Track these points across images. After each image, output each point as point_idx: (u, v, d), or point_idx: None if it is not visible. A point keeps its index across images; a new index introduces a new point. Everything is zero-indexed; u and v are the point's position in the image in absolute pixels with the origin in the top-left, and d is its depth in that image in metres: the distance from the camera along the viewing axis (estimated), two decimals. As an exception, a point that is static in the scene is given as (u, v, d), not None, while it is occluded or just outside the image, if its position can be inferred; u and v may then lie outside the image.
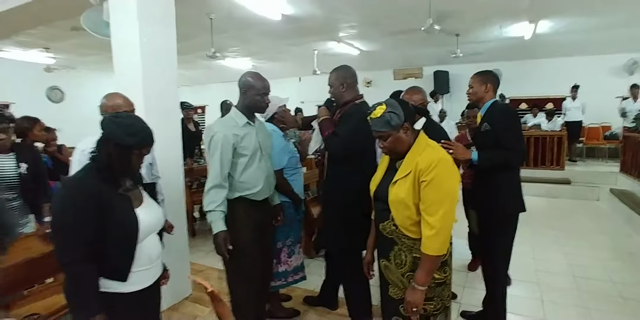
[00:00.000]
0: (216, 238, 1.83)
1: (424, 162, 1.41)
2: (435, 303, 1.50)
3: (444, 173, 1.40)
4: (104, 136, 1.32)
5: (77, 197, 1.26)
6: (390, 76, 9.62)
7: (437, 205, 1.38)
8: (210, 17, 5.25)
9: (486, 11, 5.25)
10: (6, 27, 4.20)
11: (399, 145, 1.49)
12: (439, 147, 1.54)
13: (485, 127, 2.12)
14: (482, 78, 2.18)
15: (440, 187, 1.39)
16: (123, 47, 2.58)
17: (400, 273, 1.52)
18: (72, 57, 7.95)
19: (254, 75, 1.94)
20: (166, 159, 2.57)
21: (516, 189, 2.17)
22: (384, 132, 1.47)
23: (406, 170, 1.45)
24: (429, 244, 1.39)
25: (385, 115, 1.44)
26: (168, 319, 2.54)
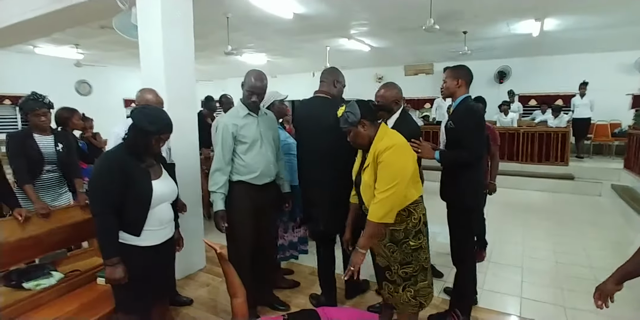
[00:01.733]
0: (215, 216, 2.17)
1: (380, 147, 1.69)
2: (414, 266, 1.80)
3: (395, 155, 1.65)
4: (132, 123, 1.67)
5: (108, 165, 1.64)
6: (401, 72, 9.80)
7: (385, 182, 1.64)
8: (227, 16, 5.58)
9: (490, 9, 5.39)
10: (48, 27, 4.64)
11: (359, 139, 1.78)
12: (396, 135, 1.78)
13: (450, 125, 2.21)
14: (454, 73, 2.22)
15: (390, 167, 1.65)
16: (148, 47, 2.93)
17: (383, 244, 1.80)
18: (100, 53, 8.45)
19: (250, 74, 2.21)
20: (183, 147, 2.91)
21: (475, 186, 2.24)
22: (345, 128, 1.79)
23: (370, 158, 1.72)
24: (372, 212, 1.66)
25: (344, 114, 1.77)
26: (185, 285, 2.92)
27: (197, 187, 3.18)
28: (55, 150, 2.59)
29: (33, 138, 2.51)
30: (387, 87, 2.43)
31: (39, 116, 2.51)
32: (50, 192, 2.63)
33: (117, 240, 1.63)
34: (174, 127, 2.45)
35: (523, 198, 5.73)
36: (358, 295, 2.73)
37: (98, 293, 2.02)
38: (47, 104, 2.55)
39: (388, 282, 1.84)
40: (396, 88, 2.44)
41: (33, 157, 2.48)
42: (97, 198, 1.62)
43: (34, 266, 2.16)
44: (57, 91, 8.66)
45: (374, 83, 10.26)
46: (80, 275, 2.11)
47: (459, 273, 2.36)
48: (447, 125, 2.25)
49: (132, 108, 1.71)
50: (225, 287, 2.43)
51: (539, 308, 2.58)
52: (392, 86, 2.44)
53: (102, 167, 1.65)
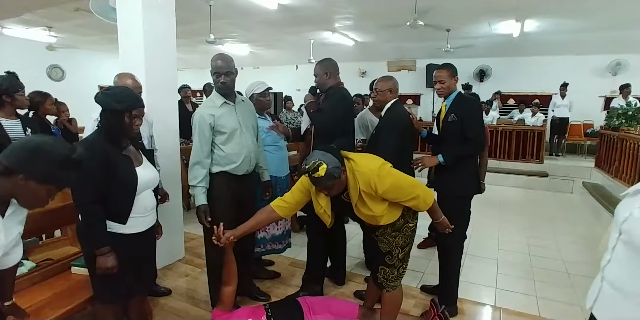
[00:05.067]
0: (198, 210, 2.11)
1: (366, 185, 1.66)
2: (410, 245, 1.93)
3: (386, 180, 1.67)
4: (101, 107, 1.61)
5: (89, 154, 1.55)
6: (384, 67, 9.83)
7: (404, 190, 1.72)
8: (210, 4, 5.45)
9: (473, 8, 5.48)
10: (17, 6, 4.41)
11: (342, 186, 1.71)
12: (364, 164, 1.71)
13: (452, 118, 2.26)
14: (451, 71, 2.29)
15: (395, 185, 1.69)
16: (128, 31, 2.82)
17: (387, 234, 1.87)
18: (74, 36, 8.11)
19: (215, 57, 2.13)
20: (164, 135, 2.83)
21: (471, 172, 2.35)
22: (330, 184, 1.63)
23: (355, 198, 1.71)
24: (423, 204, 1.76)
25: (328, 172, 1.58)
26: (164, 275, 2.87)
27: (178, 176, 3.12)
28: (24, 135, 2.41)
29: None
30: (384, 78, 2.53)
31: (22, 96, 2.38)
32: None
33: (105, 229, 1.59)
34: (153, 115, 2.39)
35: (499, 194, 5.88)
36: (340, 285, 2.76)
37: (73, 282, 1.96)
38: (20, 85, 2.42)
39: (386, 266, 1.91)
40: (393, 80, 2.52)
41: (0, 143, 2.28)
42: (80, 188, 1.55)
43: (2, 255, 2.07)
44: (27, 75, 8.12)
45: (357, 78, 10.27)
46: (53, 264, 2.03)
47: (446, 264, 2.43)
48: (448, 119, 2.29)
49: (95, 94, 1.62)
50: (204, 278, 2.41)
51: (513, 298, 2.67)
52: (389, 78, 2.54)
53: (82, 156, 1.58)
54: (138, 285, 1.80)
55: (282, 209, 1.88)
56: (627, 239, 0.95)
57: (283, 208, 1.88)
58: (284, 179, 2.79)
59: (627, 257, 0.96)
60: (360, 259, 3.15)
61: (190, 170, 2.11)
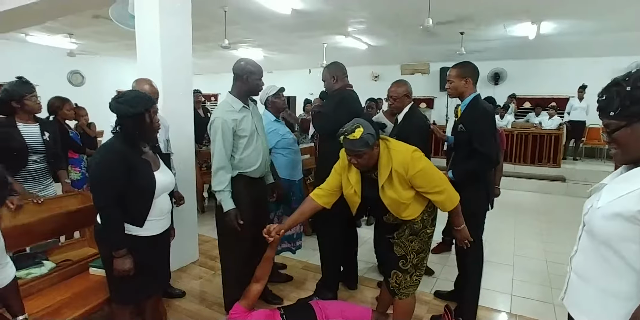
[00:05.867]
0: (228, 215, 2.06)
1: (399, 165, 1.69)
2: (426, 251, 1.90)
3: (419, 163, 1.70)
4: (117, 115, 1.63)
5: (109, 158, 1.61)
6: (397, 71, 9.82)
7: (433, 180, 1.71)
8: (224, 10, 5.53)
9: (488, 11, 5.44)
10: (41, 15, 4.57)
11: (371, 160, 1.71)
12: (400, 144, 1.79)
13: (461, 129, 2.14)
14: (461, 71, 2.15)
15: (426, 171, 1.70)
16: (145, 37, 2.90)
17: (404, 237, 1.86)
18: (93, 43, 8.32)
19: (252, 62, 2.16)
20: (179, 139, 2.89)
21: (487, 187, 2.23)
22: (361, 151, 1.65)
23: (385, 176, 1.71)
24: (449, 202, 1.74)
25: (363, 136, 1.62)
26: (178, 277, 2.90)
27: (193, 180, 3.16)
28: (42, 140, 2.47)
29: (17, 128, 2.36)
30: (398, 83, 2.53)
31: (35, 98, 2.41)
32: (36, 184, 2.48)
33: (123, 232, 1.62)
34: (169, 119, 2.45)
35: (515, 198, 5.78)
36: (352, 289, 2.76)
37: (90, 283, 2.00)
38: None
39: (400, 271, 1.89)
40: (406, 84, 2.52)
41: (17, 148, 2.34)
42: (101, 192, 1.59)
43: (25, 255, 2.13)
44: (49, 81, 8.48)
45: (370, 81, 10.27)
46: (72, 265, 2.08)
47: (463, 277, 2.39)
48: (458, 128, 2.19)
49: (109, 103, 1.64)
50: (218, 280, 2.43)
51: (529, 305, 2.62)
52: (402, 82, 2.53)
53: (103, 161, 1.62)
54: (153, 286, 1.83)
55: (320, 197, 1.91)
56: (588, 228, 1.05)
57: (321, 196, 1.91)
58: (297, 183, 2.81)
59: (588, 246, 1.05)
60: (373, 264, 3.13)
61: (214, 176, 2.08)
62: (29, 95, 2.37)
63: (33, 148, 2.41)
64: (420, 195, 1.77)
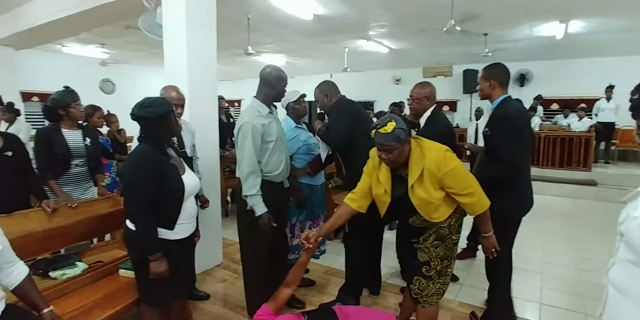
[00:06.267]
0: (261, 218, 2.07)
1: (431, 163, 1.67)
2: (451, 258, 1.86)
3: (451, 162, 1.68)
4: (144, 121, 1.68)
5: (140, 163, 1.67)
6: (419, 74, 9.72)
7: (464, 181, 1.69)
8: (248, 17, 5.64)
9: (513, 11, 5.32)
10: (76, 27, 4.81)
11: (401, 157, 1.69)
12: (432, 143, 1.77)
13: (486, 132, 2.10)
14: (485, 73, 2.13)
15: (458, 171, 1.68)
16: (172, 45, 3.00)
17: (429, 243, 1.84)
18: (124, 52, 8.65)
19: (280, 69, 2.20)
20: (205, 144, 2.95)
21: (518, 193, 2.11)
22: (392, 146, 1.63)
23: (416, 175, 1.69)
24: (478, 205, 1.71)
25: (395, 131, 1.60)
26: (203, 280, 2.97)
27: (217, 184, 3.23)
28: (84, 145, 2.61)
29: (61, 133, 2.52)
30: (421, 84, 2.49)
31: (79, 106, 2.55)
32: (78, 186, 2.62)
33: (157, 235, 1.67)
34: (194, 125, 2.53)
35: (543, 203, 5.52)
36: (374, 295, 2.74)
37: (120, 284, 2.07)
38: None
39: (422, 277, 1.86)
40: (429, 86, 2.47)
41: (62, 153, 2.48)
42: (134, 196, 1.64)
43: (60, 256, 2.23)
44: (82, 89, 8.82)
45: (391, 85, 10.22)
46: (103, 267, 2.17)
47: (491, 285, 2.32)
48: (484, 131, 2.15)
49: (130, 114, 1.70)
50: (241, 283, 2.47)
51: (559, 315, 2.53)
52: (425, 84, 2.49)
53: (134, 166, 1.67)
54: (181, 289, 1.89)
55: (354, 201, 1.92)
56: (625, 239, 0.99)
57: (355, 200, 1.92)
58: (319, 187, 2.82)
59: (626, 257, 0.99)
60: (396, 269, 3.10)
61: (245, 181, 2.08)
62: (74, 103, 2.52)
63: (75, 153, 2.55)
64: (449, 198, 1.74)
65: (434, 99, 2.50)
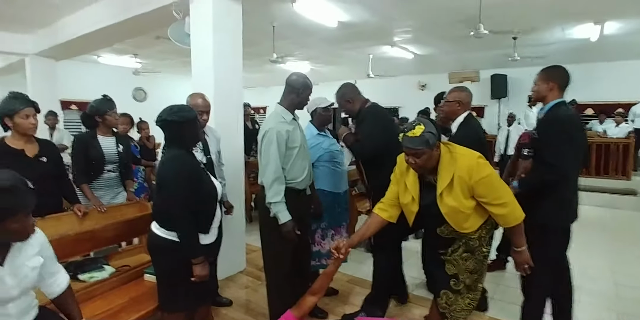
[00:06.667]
0: (285, 226, 2.04)
1: (463, 169, 1.60)
2: (481, 272, 1.78)
3: (484, 169, 1.61)
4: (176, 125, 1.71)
5: (183, 167, 1.71)
6: (445, 79, 9.56)
7: (497, 190, 1.61)
8: (273, 25, 5.73)
9: (545, 14, 5.15)
10: (110, 38, 5.04)
11: (430, 162, 1.62)
12: (464, 149, 1.70)
13: (534, 135, 2.04)
14: (546, 74, 2.03)
15: (491, 179, 1.61)
16: (200, 53, 3.08)
17: (458, 255, 1.76)
18: (155, 62, 8.96)
19: (306, 77, 2.20)
20: (230, 150, 3.00)
21: (563, 200, 2.01)
22: (420, 150, 1.57)
23: (446, 182, 1.62)
24: (511, 217, 1.62)
25: (424, 134, 1.55)
26: (225, 286, 2.99)
27: (242, 190, 3.27)
28: (116, 151, 2.70)
29: (97, 139, 2.62)
30: (456, 88, 2.43)
31: (115, 114, 2.67)
32: (109, 191, 2.70)
33: (198, 239, 1.71)
34: (220, 132, 2.58)
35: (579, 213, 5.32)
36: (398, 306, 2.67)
37: (145, 289, 2.12)
38: None
39: (450, 291, 1.78)
40: (464, 91, 2.40)
41: (96, 158, 2.59)
42: (178, 201, 1.65)
43: (89, 259, 2.30)
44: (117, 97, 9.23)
45: (417, 91, 10.09)
46: (129, 271, 2.22)
47: (525, 304, 2.19)
48: (531, 134, 2.11)
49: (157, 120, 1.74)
50: (264, 290, 2.46)
51: (596, 332, 2.38)
52: (460, 88, 2.43)
53: (177, 170, 1.69)
54: (206, 294, 1.91)
55: (383, 211, 1.87)
56: None
57: (384, 210, 1.87)
58: (342, 195, 2.79)
59: None
60: (421, 280, 3.02)
61: (270, 188, 2.04)
62: (110, 111, 2.64)
63: (109, 158, 2.65)
64: (481, 207, 1.66)
65: (467, 105, 2.42)
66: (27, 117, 2.09)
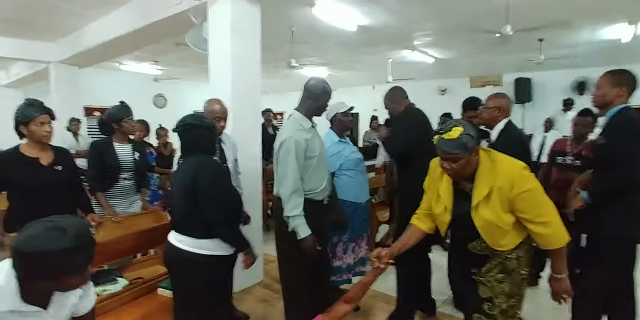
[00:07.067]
0: (305, 241, 1.92)
1: (504, 180, 1.43)
2: (519, 297, 1.59)
3: (528, 181, 1.44)
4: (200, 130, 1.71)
5: (218, 172, 1.71)
6: (466, 84, 9.34)
7: (540, 207, 1.45)
8: (292, 30, 5.68)
9: (574, 14, 4.92)
10: (130, 45, 5.10)
11: (468, 168, 1.47)
12: (506, 157, 1.53)
13: (600, 141, 1.92)
14: (616, 78, 1.92)
15: (534, 193, 1.44)
16: (217, 59, 3.02)
17: (491, 276, 1.59)
18: (175, 68, 9.06)
19: (325, 82, 2.09)
20: (247, 159, 2.91)
21: (634, 208, 1.86)
22: (457, 155, 1.42)
23: (483, 192, 1.46)
24: (553, 239, 1.45)
25: (462, 137, 1.39)
26: (241, 299, 2.88)
27: (259, 200, 3.17)
28: (132, 159, 2.67)
29: (113, 146, 2.60)
30: (496, 94, 2.34)
31: (131, 121, 2.64)
32: (124, 199, 2.66)
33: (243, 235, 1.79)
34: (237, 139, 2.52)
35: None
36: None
37: (158, 304, 2.02)
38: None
39: (484, 315, 1.60)
40: (505, 97, 2.30)
41: (111, 165, 2.56)
42: (219, 205, 1.63)
43: (102, 271, 2.23)
44: (138, 104, 9.40)
45: (436, 95, 9.89)
46: (143, 284, 2.13)
47: None
48: (594, 141, 2.00)
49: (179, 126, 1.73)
50: (282, 305, 2.34)
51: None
52: (501, 94, 2.33)
53: (216, 175, 1.69)
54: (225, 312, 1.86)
55: (421, 221, 1.74)
56: None
57: (422, 221, 1.73)
58: (363, 205, 2.65)
59: None
60: (448, 295, 2.84)
61: (288, 200, 1.92)
62: (127, 118, 2.61)
63: (124, 166, 2.61)
64: (521, 224, 1.49)
65: (508, 112, 2.30)
66: (41, 124, 2.04)
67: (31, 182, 2.01)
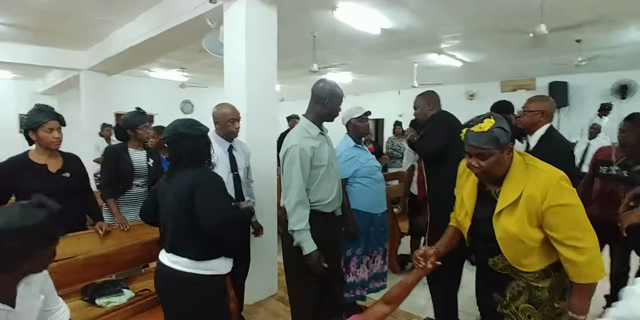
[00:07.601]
0: (310, 257, 1.79)
1: (537, 187, 1.24)
2: None
3: (567, 195, 1.24)
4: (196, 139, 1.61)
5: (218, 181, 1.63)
6: (496, 88, 8.95)
7: (575, 228, 1.23)
8: (314, 35, 5.59)
9: (615, 12, 4.57)
10: (154, 51, 5.19)
11: (498, 168, 1.29)
12: (544, 163, 1.33)
13: None
14: None
15: (571, 210, 1.23)
16: (232, 63, 2.96)
17: (515, 306, 1.39)
18: (201, 75, 9.20)
19: (334, 84, 1.95)
20: (261, 166, 2.81)
21: None
22: (487, 150, 1.25)
23: (510, 198, 1.28)
24: (586, 269, 1.23)
25: (494, 130, 1.23)
26: (254, 312, 2.76)
27: (274, 208, 3.05)
28: (146, 165, 2.64)
29: (127, 152, 2.58)
30: (538, 97, 2.18)
31: (146, 128, 2.62)
32: (136, 206, 2.56)
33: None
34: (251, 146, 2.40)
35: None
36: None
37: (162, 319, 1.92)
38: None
39: None
40: (548, 100, 2.12)
41: (125, 171, 2.53)
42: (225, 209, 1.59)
43: (108, 282, 2.17)
44: (166, 110, 9.71)
45: (465, 100, 9.55)
46: (148, 297, 2.04)
47: None
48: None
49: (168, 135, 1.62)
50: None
51: None
52: (543, 97, 2.16)
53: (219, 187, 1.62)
54: None
55: (456, 222, 1.57)
56: None
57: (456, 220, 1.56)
58: (380, 217, 2.48)
59: None
60: (475, 316, 2.61)
61: (292, 213, 1.80)
62: (142, 125, 2.58)
63: (138, 172, 2.58)
64: (549, 243, 1.27)
65: (550, 117, 2.11)
66: (50, 130, 2.02)
67: (37, 188, 1.97)
